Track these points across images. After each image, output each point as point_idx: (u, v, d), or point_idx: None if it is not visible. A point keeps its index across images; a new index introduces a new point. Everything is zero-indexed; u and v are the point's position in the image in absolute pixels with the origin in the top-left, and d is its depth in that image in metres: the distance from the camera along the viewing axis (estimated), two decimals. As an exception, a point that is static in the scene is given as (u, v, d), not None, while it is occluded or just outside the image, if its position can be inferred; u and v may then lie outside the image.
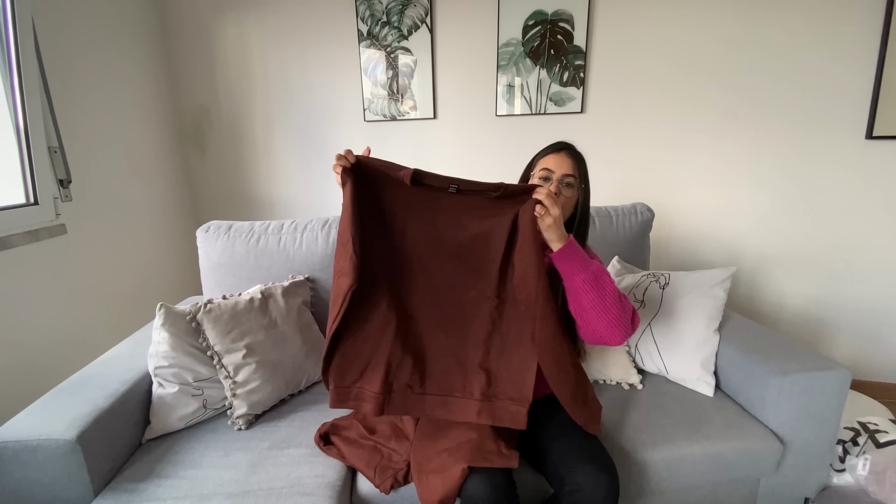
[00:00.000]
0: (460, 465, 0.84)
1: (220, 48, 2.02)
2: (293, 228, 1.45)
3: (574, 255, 0.90)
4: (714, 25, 1.79)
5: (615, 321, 0.89)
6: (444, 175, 0.89)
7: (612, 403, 1.21)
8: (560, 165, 1.04)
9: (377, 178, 0.91)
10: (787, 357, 1.15)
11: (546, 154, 1.08)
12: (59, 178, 1.46)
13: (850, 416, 1.37)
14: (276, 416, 1.17)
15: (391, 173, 0.89)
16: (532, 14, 1.86)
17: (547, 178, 1.04)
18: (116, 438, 1.00)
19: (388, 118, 2.04)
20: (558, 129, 1.96)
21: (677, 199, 1.98)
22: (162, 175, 2.00)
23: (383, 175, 0.90)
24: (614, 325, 0.90)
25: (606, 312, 0.89)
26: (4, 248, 1.26)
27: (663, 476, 1.06)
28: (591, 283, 0.89)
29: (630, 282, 1.39)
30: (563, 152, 1.06)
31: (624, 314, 0.91)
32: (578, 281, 0.89)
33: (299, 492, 0.91)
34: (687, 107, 1.89)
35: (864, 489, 1.22)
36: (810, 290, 1.97)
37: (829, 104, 1.78)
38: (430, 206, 0.92)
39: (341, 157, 0.88)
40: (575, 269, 0.89)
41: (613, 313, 0.89)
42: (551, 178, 1.03)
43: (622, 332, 0.91)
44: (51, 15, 1.45)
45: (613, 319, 0.89)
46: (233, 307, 1.18)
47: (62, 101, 1.47)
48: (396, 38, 1.94)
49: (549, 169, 1.04)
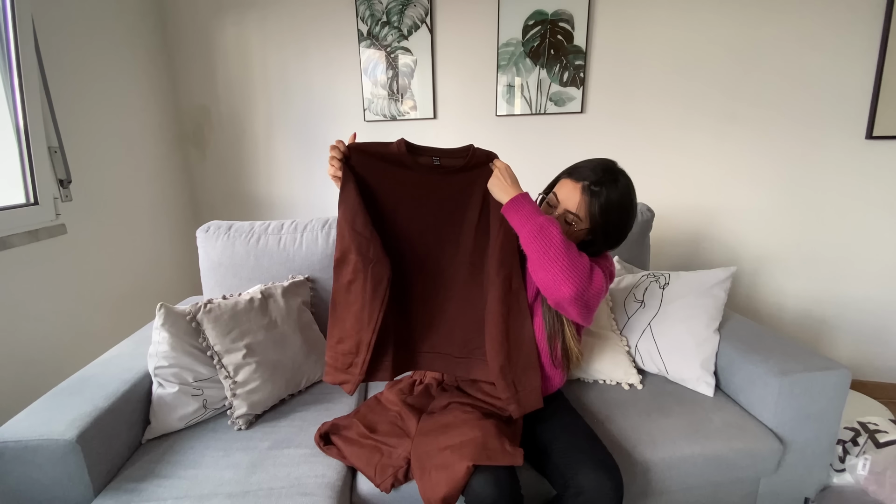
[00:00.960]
0: (465, 463, 0.84)
1: (220, 48, 2.02)
2: (293, 228, 1.45)
3: (521, 208, 0.89)
4: (714, 25, 1.80)
5: (564, 272, 0.84)
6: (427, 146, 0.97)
7: (613, 403, 1.21)
8: (569, 199, 0.94)
9: (370, 163, 0.95)
10: (787, 357, 1.15)
11: (566, 176, 0.98)
12: (59, 178, 1.46)
13: (850, 416, 1.37)
14: (276, 416, 1.17)
15: (384, 150, 0.95)
16: (532, 14, 1.86)
17: (553, 206, 0.98)
18: (116, 438, 1.00)
19: (388, 118, 2.04)
20: (558, 129, 1.96)
21: (677, 199, 1.98)
22: (162, 175, 2.00)
23: (376, 156, 0.95)
24: (564, 277, 0.84)
25: (553, 263, 0.85)
26: (4, 248, 1.26)
27: (663, 476, 1.06)
28: (535, 233, 0.86)
29: (630, 282, 1.39)
30: (580, 185, 0.93)
31: (573, 265, 0.85)
32: (524, 232, 0.88)
33: (299, 492, 0.91)
34: (687, 106, 1.89)
35: (864, 489, 1.22)
36: (810, 289, 1.97)
37: (829, 104, 1.78)
38: (418, 183, 0.97)
39: (335, 149, 0.91)
40: (521, 221, 0.89)
41: (560, 263, 0.84)
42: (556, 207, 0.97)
43: (573, 284, 0.85)
44: (51, 15, 1.45)
45: (560, 270, 0.84)
46: (233, 307, 1.18)
47: (62, 101, 1.47)
48: (396, 38, 1.94)
49: (557, 197, 0.97)
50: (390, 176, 0.96)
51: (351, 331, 0.98)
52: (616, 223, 0.96)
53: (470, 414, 0.98)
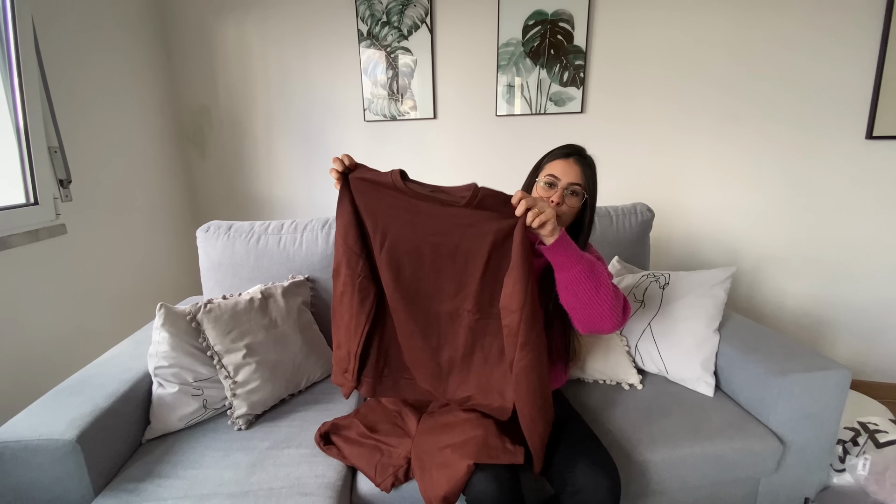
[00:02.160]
0: (465, 462, 0.84)
1: (220, 48, 2.02)
2: (293, 228, 1.45)
3: (568, 247, 0.88)
4: (714, 25, 1.80)
5: (611, 309, 0.89)
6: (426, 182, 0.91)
7: (613, 403, 1.21)
8: (567, 173, 1.00)
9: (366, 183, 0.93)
10: (787, 357, 1.15)
11: (554, 158, 1.04)
12: (59, 178, 1.45)
13: (850, 416, 1.38)
14: (276, 416, 1.17)
15: (380, 178, 0.92)
16: (532, 14, 1.86)
17: (552, 185, 1.01)
18: (116, 438, 1.00)
19: (388, 118, 2.04)
20: (558, 129, 1.96)
21: (677, 199, 1.98)
22: (162, 175, 2.00)
23: (371, 180, 0.93)
24: (609, 313, 0.89)
25: (602, 302, 0.89)
26: (4, 248, 1.26)
27: (663, 476, 1.06)
28: (586, 273, 0.88)
29: (630, 282, 1.39)
30: (572, 158, 1.02)
31: (618, 301, 0.91)
32: (575, 271, 0.88)
33: (299, 492, 0.91)
34: (687, 107, 1.89)
35: (864, 489, 1.22)
36: (810, 289, 1.97)
37: (829, 104, 1.78)
38: (411, 211, 0.92)
39: (338, 161, 0.91)
40: (571, 260, 0.88)
41: (608, 302, 0.89)
42: (556, 184, 1.00)
43: (616, 319, 0.91)
44: (51, 15, 1.45)
45: (608, 308, 0.89)
46: (233, 307, 1.18)
47: (62, 101, 1.47)
48: (396, 38, 1.94)
49: (555, 175, 1.01)
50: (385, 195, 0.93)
51: (343, 339, 1.01)
52: (594, 192, 1.04)
53: (470, 413, 0.98)
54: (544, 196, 1.00)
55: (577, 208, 1.02)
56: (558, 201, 0.99)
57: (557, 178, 1.00)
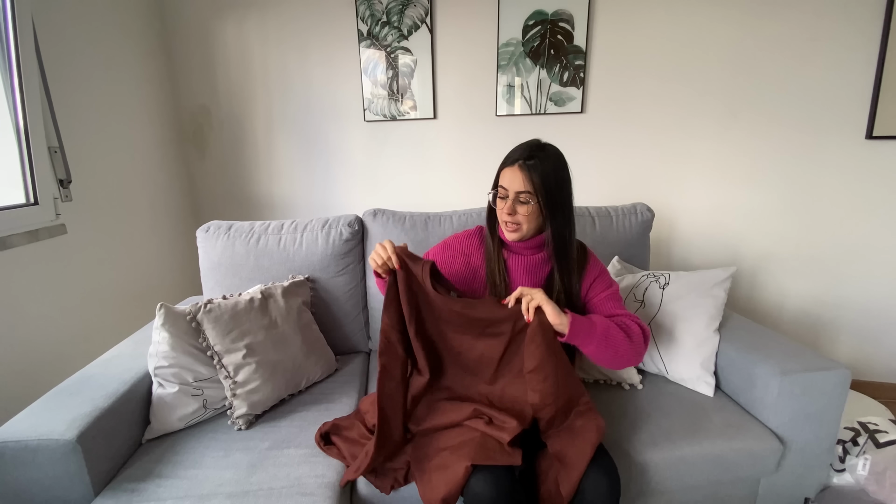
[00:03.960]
0: (463, 463, 0.84)
1: (220, 48, 2.02)
2: (293, 228, 1.45)
3: (580, 330, 0.93)
4: (714, 25, 1.80)
5: (631, 360, 0.99)
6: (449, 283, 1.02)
7: (612, 403, 1.21)
8: (513, 181, 0.97)
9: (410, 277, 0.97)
10: (787, 357, 1.15)
11: (504, 166, 1.01)
12: (59, 178, 1.45)
13: (850, 416, 1.38)
14: (276, 416, 1.17)
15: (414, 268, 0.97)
16: (532, 14, 1.86)
17: (504, 198, 0.99)
18: (116, 438, 1.00)
19: (388, 118, 2.04)
20: (558, 129, 1.96)
21: (677, 199, 1.98)
22: (162, 175, 2.00)
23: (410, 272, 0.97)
24: (630, 362, 1.00)
25: (623, 360, 0.98)
26: (4, 248, 1.26)
27: (663, 476, 1.06)
28: (602, 344, 0.95)
29: (630, 282, 1.39)
30: (517, 165, 0.97)
31: (636, 351, 0.98)
32: (592, 348, 0.95)
33: (299, 492, 0.91)
34: (687, 107, 1.89)
35: (864, 489, 1.22)
36: (810, 289, 1.97)
37: (829, 104, 1.78)
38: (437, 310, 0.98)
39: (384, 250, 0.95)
40: (585, 340, 0.94)
41: (628, 358, 0.98)
42: (507, 196, 0.98)
43: (638, 361, 1.02)
44: (51, 15, 1.45)
45: (629, 360, 0.99)
46: (233, 307, 1.18)
47: (62, 101, 1.47)
48: (396, 38, 1.94)
49: (503, 186, 0.99)
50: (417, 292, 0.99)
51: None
52: (556, 188, 0.97)
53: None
54: (499, 209, 1.02)
55: (536, 213, 0.99)
56: (509, 212, 0.98)
57: (506, 189, 0.99)
